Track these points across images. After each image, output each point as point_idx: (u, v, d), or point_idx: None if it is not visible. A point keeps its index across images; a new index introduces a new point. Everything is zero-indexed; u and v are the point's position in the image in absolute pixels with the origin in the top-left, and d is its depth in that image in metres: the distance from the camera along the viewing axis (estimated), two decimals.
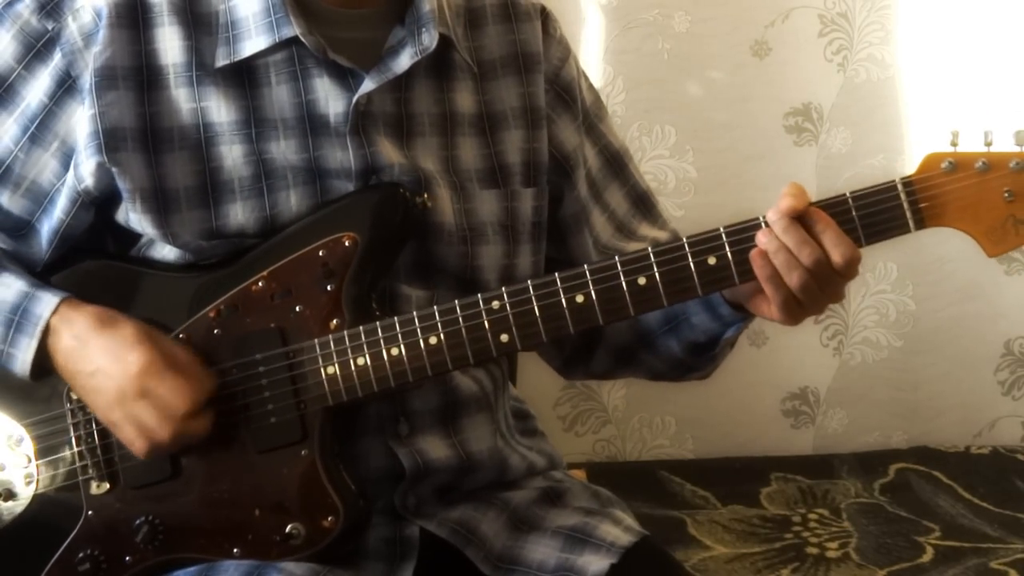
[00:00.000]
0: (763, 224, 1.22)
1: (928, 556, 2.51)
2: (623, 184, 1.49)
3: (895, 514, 2.71)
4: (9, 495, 1.30)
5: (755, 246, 1.22)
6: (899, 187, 1.20)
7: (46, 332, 1.25)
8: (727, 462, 2.94)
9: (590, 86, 1.49)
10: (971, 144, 1.20)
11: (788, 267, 1.21)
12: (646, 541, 1.34)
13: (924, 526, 2.65)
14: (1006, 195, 1.19)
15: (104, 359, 1.23)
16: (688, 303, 1.34)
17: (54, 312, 1.26)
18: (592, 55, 2.77)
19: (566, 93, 1.43)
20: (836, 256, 1.21)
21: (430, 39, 1.32)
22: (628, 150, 1.51)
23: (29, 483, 1.30)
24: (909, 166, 3.03)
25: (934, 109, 2.86)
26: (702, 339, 1.39)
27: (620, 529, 1.34)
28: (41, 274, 1.32)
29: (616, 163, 1.49)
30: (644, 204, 1.50)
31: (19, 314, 1.26)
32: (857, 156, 2.89)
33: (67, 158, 1.30)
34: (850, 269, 1.22)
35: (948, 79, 2.86)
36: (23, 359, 1.26)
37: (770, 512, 2.72)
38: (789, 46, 2.83)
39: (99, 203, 1.31)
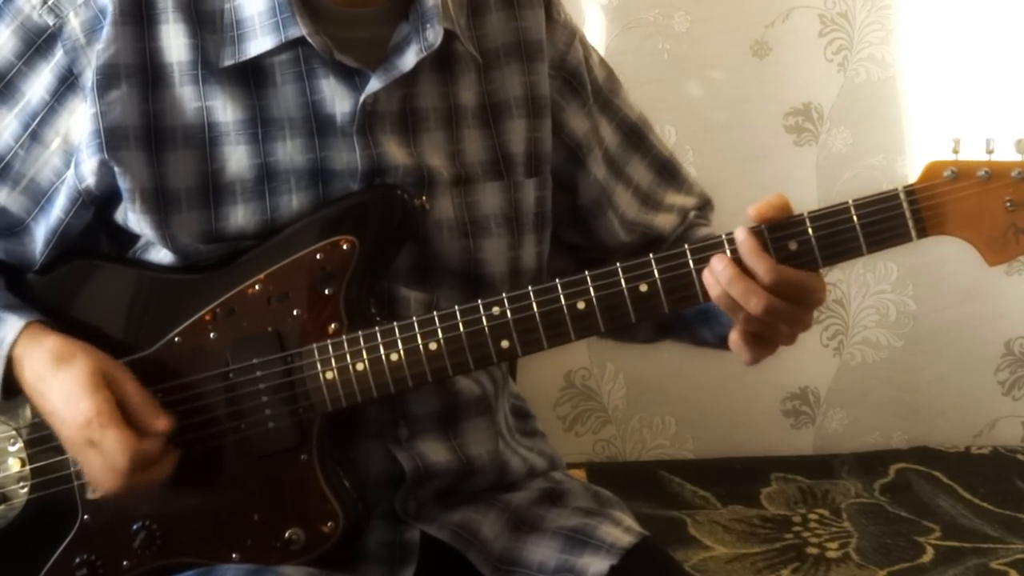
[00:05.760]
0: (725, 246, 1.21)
1: (928, 556, 2.50)
2: (644, 155, 1.47)
3: (895, 514, 2.70)
4: (3, 499, 1.29)
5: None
6: (901, 196, 1.19)
7: (10, 359, 1.24)
8: (727, 462, 2.93)
9: (601, 61, 1.47)
10: (973, 152, 1.19)
11: (736, 307, 1.20)
12: (646, 542, 1.34)
13: (924, 526, 2.64)
14: (1008, 204, 1.18)
15: (59, 403, 1.22)
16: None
17: (15, 342, 1.24)
18: None
19: (574, 78, 1.42)
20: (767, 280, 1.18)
21: (435, 35, 1.30)
22: (646, 119, 1.48)
23: (23, 487, 1.29)
24: (909, 166, 3.03)
25: (935, 109, 2.86)
26: None
27: (620, 530, 1.34)
28: (34, 275, 1.31)
29: (635, 135, 1.47)
30: (668, 171, 1.48)
31: None
32: (857, 156, 2.88)
33: (68, 156, 1.28)
34: (780, 290, 1.19)
35: (949, 79, 2.85)
36: None
37: (770, 512, 2.72)
38: (789, 46, 2.83)
39: (99, 203, 1.29)
